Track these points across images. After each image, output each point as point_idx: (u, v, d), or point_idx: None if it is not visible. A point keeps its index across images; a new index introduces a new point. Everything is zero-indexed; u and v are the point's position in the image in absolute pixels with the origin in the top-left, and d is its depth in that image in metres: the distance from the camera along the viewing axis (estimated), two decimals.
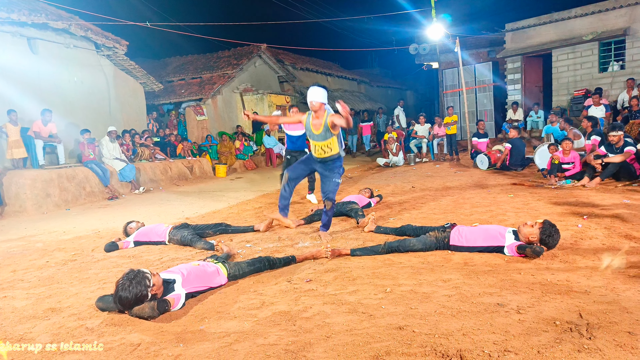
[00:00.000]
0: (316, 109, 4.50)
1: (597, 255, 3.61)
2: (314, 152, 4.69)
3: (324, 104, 4.52)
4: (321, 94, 4.48)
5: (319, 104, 4.48)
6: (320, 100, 4.48)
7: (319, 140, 4.57)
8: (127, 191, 10.22)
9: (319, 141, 4.57)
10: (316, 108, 4.49)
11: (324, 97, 4.51)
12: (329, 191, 4.63)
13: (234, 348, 2.40)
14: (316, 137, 4.58)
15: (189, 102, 15.60)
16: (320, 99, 4.48)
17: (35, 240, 5.83)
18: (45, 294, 3.55)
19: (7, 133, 8.80)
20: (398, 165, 12.84)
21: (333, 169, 4.67)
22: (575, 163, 7.92)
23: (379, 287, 3.19)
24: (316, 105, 4.48)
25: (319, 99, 4.47)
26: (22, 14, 9.33)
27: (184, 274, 3.21)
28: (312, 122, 4.60)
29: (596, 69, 13.93)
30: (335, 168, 4.67)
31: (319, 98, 4.47)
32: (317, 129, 4.55)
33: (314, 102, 4.47)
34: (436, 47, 16.79)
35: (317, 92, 4.47)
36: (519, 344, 2.22)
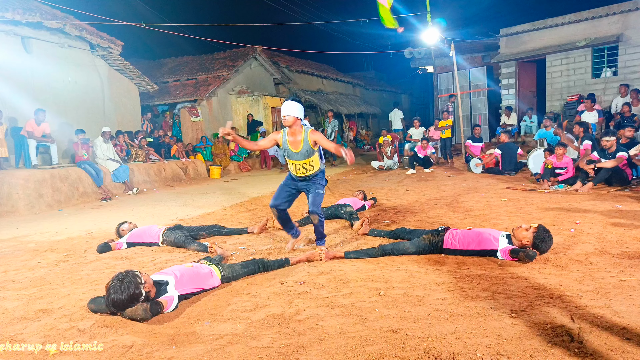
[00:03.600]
0: (290, 124, 4.14)
1: (589, 259, 3.63)
2: (294, 171, 4.33)
3: (298, 118, 4.16)
4: (295, 108, 4.13)
5: (292, 118, 4.12)
6: (295, 114, 4.12)
7: (299, 159, 4.22)
8: (120, 192, 10.17)
9: (299, 160, 4.22)
10: (289, 123, 4.13)
11: (298, 112, 4.15)
12: (314, 204, 4.25)
13: (227, 350, 2.40)
14: (296, 156, 4.22)
15: (183, 103, 15.56)
16: (294, 113, 4.12)
17: (27, 241, 5.78)
18: (36, 295, 3.52)
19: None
20: (392, 169, 12.86)
21: (315, 182, 4.35)
22: (568, 168, 7.98)
23: (372, 290, 3.19)
24: (289, 119, 4.11)
25: (293, 112, 4.12)
26: (16, 13, 9.27)
27: (177, 275, 3.20)
28: (288, 140, 4.22)
29: (589, 75, 14.06)
30: (318, 182, 4.36)
31: (293, 112, 4.12)
32: (295, 147, 4.20)
33: (287, 117, 4.11)
34: (431, 51, 16.86)
35: (291, 106, 4.12)
36: (511, 347, 2.23)
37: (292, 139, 4.20)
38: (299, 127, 4.19)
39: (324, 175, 4.48)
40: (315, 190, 4.31)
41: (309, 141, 4.14)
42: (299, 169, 4.28)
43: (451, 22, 16.69)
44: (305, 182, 4.35)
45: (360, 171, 13.12)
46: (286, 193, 4.43)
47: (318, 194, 4.31)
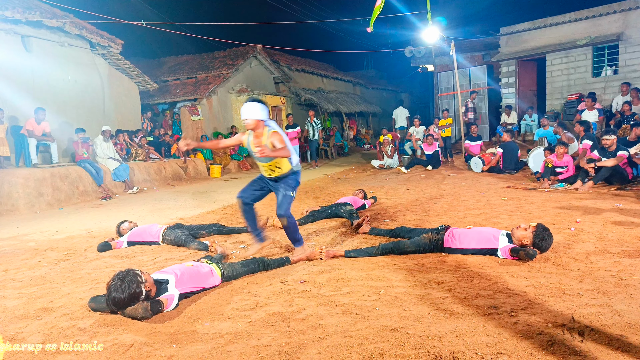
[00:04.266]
0: (252, 127, 3.89)
1: (589, 258, 3.63)
2: (263, 172, 4.16)
3: (261, 120, 3.90)
4: (256, 110, 3.84)
5: (254, 121, 3.86)
6: (256, 117, 3.84)
7: (264, 162, 4.01)
8: (120, 191, 10.17)
9: (264, 162, 4.01)
10: (251, 126, 3.88)
11: (261, 113, 3.86)
12: (280, 206, 4.00)
13: (228, 349, 2.40)
14: (260, 159, 3.98)
15: (183, 102, 15.56)
16: (255, 116, 3.84)
17: (27, 240, 5.78)
18: (37, 294, 3.53)
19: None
20: (393, 168, 12.86)
21: (286, 183, 4.09)
22: (569, 167, 7.97)
23: (372, 288, 3.20)
24: (251, 123, 3.85)
25: (254, 115, 3.84)
26: (16, 12, 9.26)
27: (178, 274, 3.20)
28: (252, 142, 4.01)
29: (590, 74, 14.05)
30: (287, 182, 4.10)
31: (254, 115, 3.84)
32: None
33: (248, 120, 3.84)
34: (431, 50, 16.85)
35: (251, 109, 3.84)
36: (511, 346, 2.24)
37: (256, 140, 3.98)
38: (262, 129, 3.95)
39: (298, 178, 4.20)
40: (283, 192, 4.04)
41: (268, 144, 3.90)
42: (267, 170, 4.09)
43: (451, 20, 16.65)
44: (275, 182, 4.13)
45: (361, 170, 13.12)
46: (255, 187, 4.22)
47: (285, 196, 4.03)
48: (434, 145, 11.99)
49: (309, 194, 8.59)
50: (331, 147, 18.36)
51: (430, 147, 11.99)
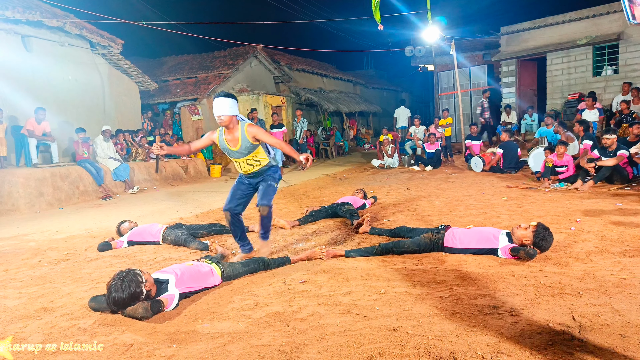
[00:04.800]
0: (226, 124, 3.81)
1: (589, 258, 3.63)
2: (240, 169, 4.08)
3: (233, 116, 3.83)
4: (228, 105, 3.77)
5: (228, 117, 3.78)
6: (228, 112, 3.77)
7: (240, 157, 3.96)
8: (121, 190, 10.17)
9: (241, 157, 3.96)
10: (226, 122, 3.80)
11: (232, 109, 3.80)
12: (263, 195, 3.97)
13: (228, 349, 2.40)
14: (236, 154, 3.94)
15: (184, 102, 15.56)
16: (228, 112, 3.76)
17: (27, 239, 5.79)
18: (37, 294, 3.53)
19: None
20: (393, 167, 12.86)
21: (267, 177, 4.07)
22: (569, 166, 7.97)
23: (373, 288, 3.20)
24: (225, 119, 3.78)
25: (226, 111, 3.76)
26: (16, 11, 9.27)
27: (178, 274, 3.20)
28: (226, 139, 3.92)
29: (590, 73, 14.04)
30: (270, 174, 4.09)
31: (226, 110, 3.76)
32: (234, 144, 3.90)
33: (223, 117, 3.77)
34: (432, 49, 16.84)
35: (223, 104, 3.75)
36: (512, 345, 2.24)
37: (230, 136, 3.89)
38: (235, 123, 3.88)
39: (278, 170, 4.18)
40: (267, 182, 4.03)
41: (247, 137, 3.84)
42: (244, 166, 4.02)
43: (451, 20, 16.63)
44: (256, 177, 4.09)
45: (361, 170, 13.11)
46: (240, 193, 4.12)
47: (270, 186, 4.02)
48: (436, 145, 12.00)
49: (309, 193, 8.59)
50: (331, 146, 18.36)
51: (432, 146, 12.00)
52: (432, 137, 12.00)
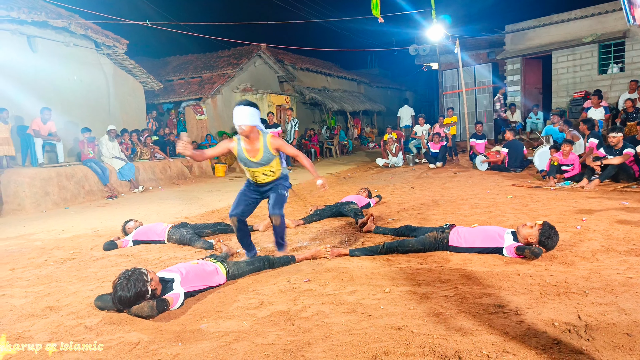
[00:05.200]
0: (247, 133, 3.70)
1: (595, 256, 3.62)
2: (254, 178, 3.98)
3: (254, 126, 3.73)
4: (249, 114, 3.65)
5: (249, 127, 3.67)
6: (250, 122, 3.66)
7: (257, 167, 3.87)
8: (126, 190, 10.22)
9: (258, 168, 3.87)
10: (247, 132, 3.69)
11: (254, 118, 3.69)
12: (274, 205, 3.90)
13: (233, 347, 2.41)
14: (254, 164, 3.85)
15: (188, 102, 15.61)
16: (249, 122, 3.65)
17: (34, 239, 5.82)
18: (44, 293, 3.55)
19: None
20: (397, 166, 12.84)
21: (279, 185, 4.02)
22: (575, 165, 7.93)
23: (377, 287, 3.19)
24: (246, 129, 3.66)
25: (247, 121, 3.65)
26: (21, 12, 9.32)
27: (183, 273, 3.21)
28: (245, 149, 3.80)
29: (596, 71, 13.96)
30: (281, 184, 4.04)
31: (247, 120, 3.64)
32: (253, 155, 3.81)
33: (243, 127, 3.65)
34: (436, 48, 16.80)
35: (244, 113, 3.64)
36: (517, 345, 2.23)
37: (250, 147, 3.80)
38: (256, 134, 3.79)
39: (288, 179, 4.15)
40: (278, 191, 3.96)
41: (270, 148, 3.77)
42: (259, 176, 3.93)
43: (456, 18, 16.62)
44: (267, 186, 4.03)
45: (365, 169, 13.10)
46: (247, 200, 4.03)
47: (280, 195, 3.95)
48: (440, 143, 11.97)
49: (314, 192, 8.59)
50: (335, 145, 18.36)
51: (436, 145, 11.97)
52: (437, 137, 11.97)
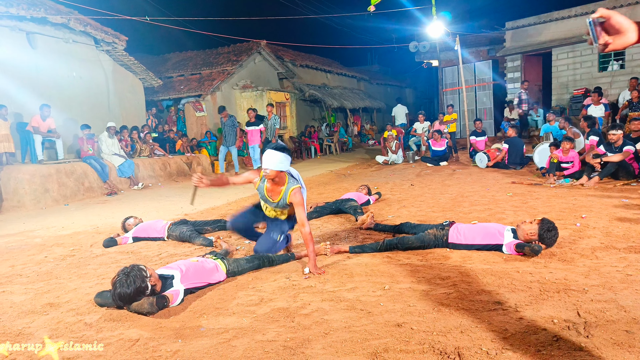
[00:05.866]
0: (271, 177, 3.62)
1: (595, 254, 3.62)
2: (266, 211, 4.03)
3: (281, 171, 3.64)
4: (278, 161, 3.55)
5: (274, 172, 3.58)
6: (275, 167, 3.56)
7: (272, 206, 3.90)
8: (126, 187, 10.21)
9: (272, 207, 3.91)
10: (271, 176, 3.60)
11: (282, 164, 3.57)
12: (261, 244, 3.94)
13: (233, 344, 2.41)
14: (270, 203, 3.88)
15: (188, 98, 15.58)
16: (275, 167, 3.55)
17: (33, 236, 5.82)
18: (43, 289, 3.55)
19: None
20: (397, 164, 12.84)
21: (279, 226, 4.01)
22: (574, 162, 7.93)
23: (377, 284, 3.20)
24: (271, 174, 3.58)
25: (274, 166, 3.55)
26: (21, 8, 9.29)
27: (183, 270, 3.21)
28: (267, 187, 3.80)
29: (596, 68, 13.95)
30: (281, 226, 4.01)
31: (274, 165, 3.55)
32: (273, 197, 3.81)
33: (269, 171, 3.57)
34: (436, 45, 16.79)
35: (274, 159, 3.55)
36: (517, 341, 2.23)
37: (271, 187, 3.78)
38: (283, 178, 3.72)
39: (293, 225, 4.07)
40: (270, 232, 3.96)
41: (287, 199, 3.71)
42: (269, 211, 3.99)
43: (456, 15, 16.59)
44: (271, 221, 4.06)
45: (365, 166, 13.10)
46: (249, 217, 4.08)
47: (269, 239, 3.92)
48: (443, 142, 11.91)
49: (313, 189, 8.59)
50: (335, 142, 18.36)
51: (438, 143, 11.92)
52: (436, 134, 11.93)
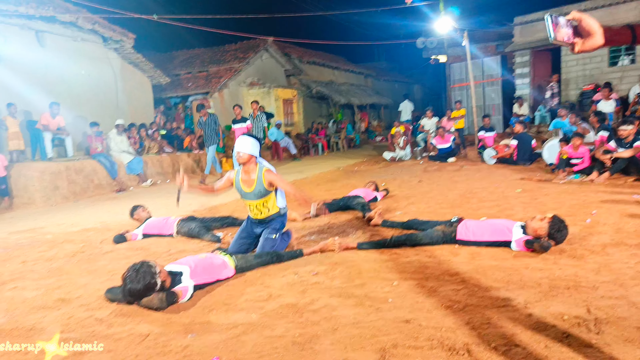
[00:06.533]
0: (244, 161, 3.86)
1: (605, 250, 3.59)
2: (250, 212, 4.08)
3: (253, 156, 3.90)
4: (250, 144, 3.85)
5: (247, 155, 3.84)
6: (249, 151, 3.84)
7: (252, 199, 3.96)
8: (134, 184, 10.28)
9: (252, 200, 3.96)
10: (244, 160, 3.85)
11: (254, 148, 3.87)
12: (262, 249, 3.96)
13: (242, 339, 2.42)
14: (248, 196, 3.95)
15: (195, 96, 15.63)
16: (248, 150, 3.83)
17: (44, 232, 5.88)
18: (54, 285, 3.59)
19: (7, 126, 8.86)
20: (405, 160, 12.80)
21: (270, 226, 4.05)
22: (584, 158, 7.85)
23: (385, 280, 3.20)
24: (244, 156, 3.84)
25: (247, 149, 3.83)
26: (30, 7, 9.36)
27: (192, 266, 3.23)
28: (241, 179, 3.95)
29: (606, 63, 13.79)
30: (272, 225, 4.05)
31: (247, 149, 3.83)
32: (248, 186, 3.91)
33: (242, 154, 3.83)
34: (444, 40, 16.67)
35: (246, 142, 3.84)
36: (526, 338, 2.22)
37: (246, 177, 3.94)
38: (254, 165, 3.93)
39: (284, 222, 4.15)
40: (265, 235, 3.99)
41: (264, 181, 3.86)
42: (253, 210, 4.03)
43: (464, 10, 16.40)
44: (262, 225, 4.08)
45: (372, 162, 13.07)
46: (241, 241, 4.11)
47: (267, 239, 3.96)
48: (448, 138, 11.84)
49: (321, 186, 8.59)
50: (342, 139, 18.33)
51: (443, 140, 11.85)
52: (441, 130, 11.86)
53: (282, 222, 4.12)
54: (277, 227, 4.06)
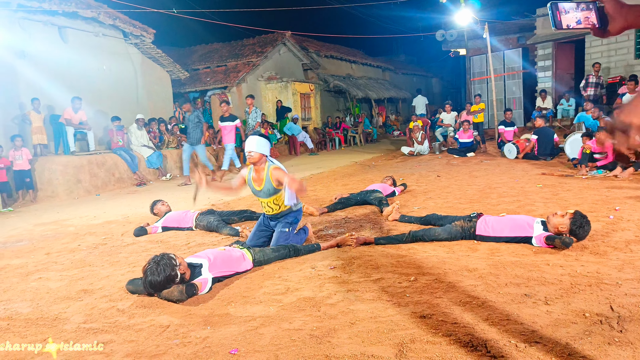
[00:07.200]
0: (255, 161, 3.92)
1: (629, 247, 3.51)
2: (263, 209, 4.19)
3: (264, 155, 3.96)
4: (261, 144, 3.92)
5: (258, 154, 3.89)
6: (259, 150, 3.89)
7: (263, 197, 4.04)
8: (154, 178, 10.43)
9: (264, 198, 4.04)
10: (255, 159, 3.91)
11: (263, 148, 3.93)
12: (275, 243, 4.02)
13: (260, 332, 2.45)
14: (259, 194, 4.04)
15: (214, 90, 15.74)
16: (258, 149, 3.89)
17: (67, 224, 6.02)
18: (77, 276, 3.68)
19: (31, 120, 9.07)
20: (423, 154, 12.69)
21: (284, 220, 4.10)
22: (608, 153, 7.68)
23: (403, 275, 3.18)
24: (255, 156, 3.89)
25: (257, 149, 3.89)
26: (53, 3, 9.54)
27: (211, 258, 3.27)
28: (252, 177, 4.03)
29: (632, 55, 13.40)
30: (286, 219, 4.10)
31: (257, 148, 3.89)
32: (258, 184, 3.99)
33: (253, 153, 3.88)
34: (464, 33, 16.42)
35: (256, 142, 3.91)
36: (547, 334, 2.19)
37: (256, 176, 4.02)
38: (263, 164, 3.99)
39: (299, 216, 4.19)
40: (279, 229, 4.05)
41: (271, 179, 3.91)
42: (265, 207, 4.11)
43: (485, 2, 16.11)
44: (274, 220, 4.15)
45: (390, 157, 13.00)
46: (258, 234, 4.21)
47: (281, 233, 4.02)
48: (470, 133, 11.69)
49: (338, 180, 8.59)
50: (359, 134, 18.26)
51: (465, 134, 11.71)
52: (466, 124, 11.71)
53: (295, 217, 4.15)
54: (289, 220, 4.10)
